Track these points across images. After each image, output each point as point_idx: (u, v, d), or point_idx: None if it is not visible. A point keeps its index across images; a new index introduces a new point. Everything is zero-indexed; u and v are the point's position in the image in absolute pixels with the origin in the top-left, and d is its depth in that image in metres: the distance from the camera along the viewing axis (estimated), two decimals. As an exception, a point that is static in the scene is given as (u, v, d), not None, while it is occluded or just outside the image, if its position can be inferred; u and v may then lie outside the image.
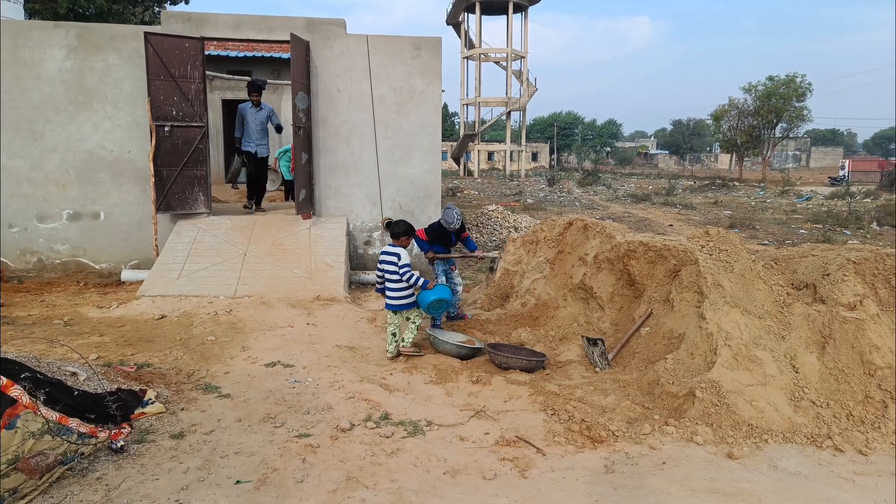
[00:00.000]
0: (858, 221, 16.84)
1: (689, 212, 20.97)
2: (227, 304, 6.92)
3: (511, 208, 18.65)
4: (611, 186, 34.21)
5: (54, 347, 5.19)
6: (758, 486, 3.44)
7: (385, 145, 9.46)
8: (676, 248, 5.47)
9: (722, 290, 4.88)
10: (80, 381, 4.05)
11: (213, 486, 3.27)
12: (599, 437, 3.98)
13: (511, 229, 13.80)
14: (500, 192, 29.06)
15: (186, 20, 8.82)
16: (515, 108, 47.56)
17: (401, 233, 5.65)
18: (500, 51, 47.33)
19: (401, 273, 5.48)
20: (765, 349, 4.51)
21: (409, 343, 5.63)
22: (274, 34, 9.00)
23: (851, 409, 4.17)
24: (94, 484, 3.20)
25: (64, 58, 8.52)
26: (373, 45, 9.23)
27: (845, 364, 4.37)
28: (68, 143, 8.65)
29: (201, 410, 4.22)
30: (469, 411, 4.40)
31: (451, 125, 67.03)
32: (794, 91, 42.35)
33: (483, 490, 3.36)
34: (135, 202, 8.83)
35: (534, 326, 6.11)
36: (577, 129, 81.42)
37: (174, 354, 5.42)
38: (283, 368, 5.18)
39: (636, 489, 3.40)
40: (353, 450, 3.74)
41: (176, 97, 8.49)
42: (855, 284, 4.78)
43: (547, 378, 5.03)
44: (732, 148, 47.47)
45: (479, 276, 8.76)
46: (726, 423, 4.05)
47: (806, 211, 21.28)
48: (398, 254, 5.53)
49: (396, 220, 5.85)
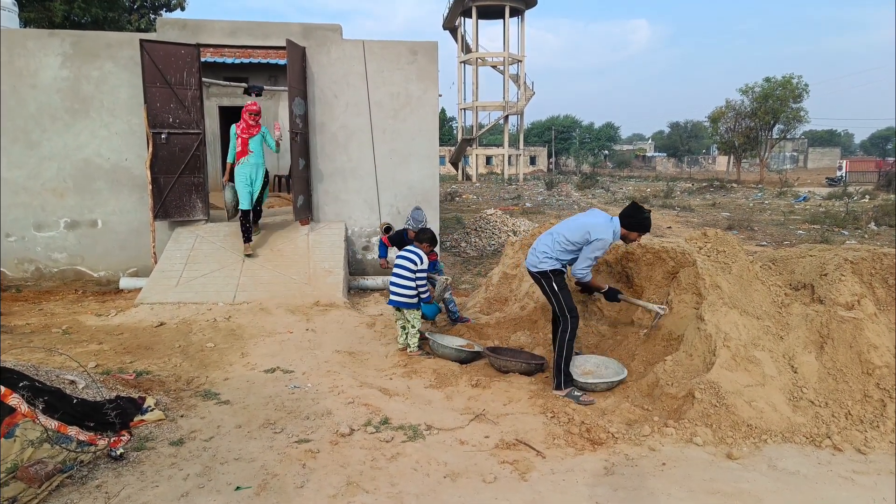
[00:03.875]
0: (856, 222, 16.88)
1: (687, 214, 21.00)
2: (225, 310, 6.92)
3: (510, 212, 18.66)
4: (609, 189, 34.25)
5: (53, 356, 5.19)
6: (757, 486, 3.44)
7: (383, 150, 9.47)
8: (675, 249, 5.48)
9: (720, 291, 4.88)
10: (78, 389, 4.05)
11: (214, 493, 3.27)
12: (599, 440, 3.98)
13: (510, 233, 13.81)
14: (499, 196, 29.08)
15: (182, 27, 8.83)
16: (513, 112, 47.63)
17: (425, 239, 5.89)
18: (497, 55, 47.41)
19: (416, 276, 5.67)
20: (763, 349, 4.51)
21: (415, 347, 5.77)
22: (270, 40, 9.02)
23: (850, 408, 4.17)
24: (93, 492, 3.19)
25: (60, 66, 8.54)
26: (369, 51, 9.25)
27: (843, 363, 4.37)
28: (65, 151, 8.66)
29: (201, 417, 4.22)
30: (469, 415, 4.40)
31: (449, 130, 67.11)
32: (791, 92, 42.44)
33: (483, 493, 3.35)
34: (132, 210, 8.83)
35: (533, 330, 6.11)
36: (575, 133, 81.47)
37: (173, 361, 5.42)
38: (282, 374, 5.17)
39: (636, 491, 3.40)
40: (353, 455, 3.73)
41: (172, 104, 8.50)
42: (852, 284, 4.79)
43: (546, 381, 5.02)
44: (730, 150, 47.54)
45: (479, 281, 8.76)
46: (725, 424, 4.05)
47: (804, 212, 21.32)
48: (421, 257, 5.72)
49: (424, 227, 6.14)
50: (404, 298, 5.70)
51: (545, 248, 4.89)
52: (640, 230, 4.73)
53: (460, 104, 50.35)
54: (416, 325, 5.78)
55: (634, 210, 4.73)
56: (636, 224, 4.68)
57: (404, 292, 5.69)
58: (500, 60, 47.38)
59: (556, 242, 4.85)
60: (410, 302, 5.71)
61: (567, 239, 4.81)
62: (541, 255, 4.89)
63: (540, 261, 4.87)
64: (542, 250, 4.90)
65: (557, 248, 4.84)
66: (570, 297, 4.83)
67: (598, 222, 4.77)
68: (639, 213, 4.70)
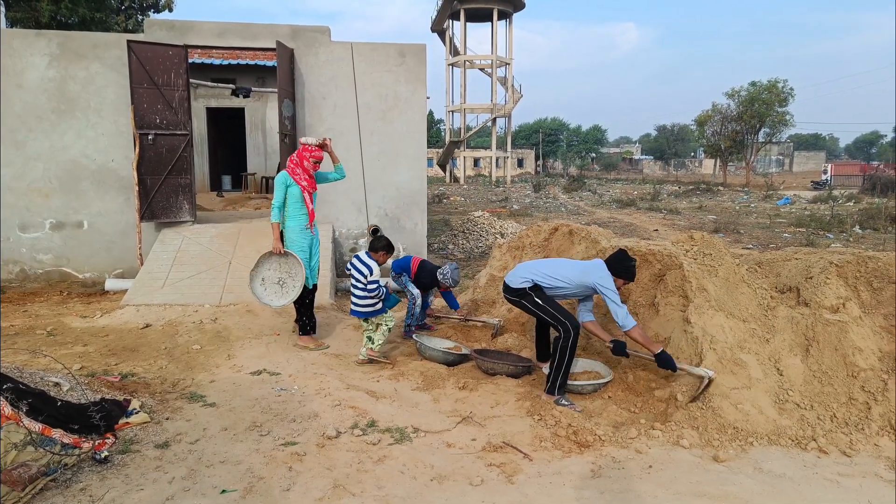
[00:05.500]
0: (841, 225, 17.05)
1: (673, 217, 21.13)
2: (212, 312, 6.87)
3: (497, 214, 18.69)
4: (596, 192, 34.41)
5: (37, 358, 5.13)
6: (743, 488, 3.46)
7: (371, 152, 9.46)
8: (661, 252, 5.51)
9: (706, 294, 4.91)
10: (63, 391, 4.01)
11: (199, 496, 3.24)
12: (586, 442, 3.99)
13: (497, 235, 13.84)
14: (486, 198, 29.13)
15: (170, 28, 8.78)
16: (501, 115, 47.77)
17: (380, 248, 5.56)
18: (485, 58, 47.53)
19: (369, 290, 5.43)
20: (749, 352, 4.55)
21: (377, 346, 5.60)
22: (258, 42, 8.99)
23: (835, 410, 4.21)
24: (77, 495, 3.16)
25: (46, 66, 8.46)
26: (357, 53, 9.24)
27: (829, 366, 4.41)
28: (51, 152, 8.57)
29: (186, 420, 4.19)
30: (456, 417, 4.39)
31: (437, 132, 67.17)
32: (777, 96, 42.87)
33: (470, 496, 3.35)
34: (118, 211, 8.76)
35: (520, 332, 6.12)
36: (563, 136, 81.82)
37: (159, 363, 5.37)
38: (268, 376, 5.15)
39: (623, 493, 3.41)
40: (339, 457, 3.72)
41: (160, 105, 8.45)
42: (837, 287, 4.84)
43: (533, 383, 5.03)
44: (716, 153, 47.95)
45: (466, 283, 8.76)
46: (712, 427, 4.07)
47: (789, 215, 21.51)
48: (371, 268, 5.43)
49: (379, 235, 5.77)
50: (366, 309, 5.51)
51: (524, 272, 4.85)
52: (626, 277, 4.67)
53: (448, 106, 50.42)
54: (390, 324, 5.65)
55: (623, 256, 4.69)
56: (623, 270, 4.63)
57: (363, 303, 5.50)
58: (488, 63, 47.49)
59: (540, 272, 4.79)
60: (374, 310, 5.54)
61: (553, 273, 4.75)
62: (519, 277, 4.83)
63: (522, 280, 4.79)
64: (521, 273, 4.86)
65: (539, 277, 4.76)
66: (559, 305, 4.74)
67: (590, 264, 4.74)
68: (627, 260, 4.66)
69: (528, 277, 4.78)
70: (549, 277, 4.74)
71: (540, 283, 4.74)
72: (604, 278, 4.55)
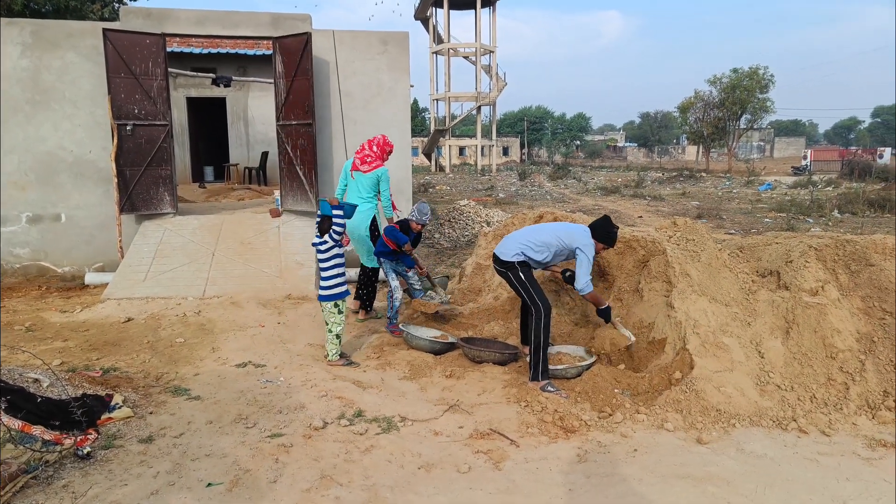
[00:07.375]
0: (820, 209, 17.23)
1: (657, 203, 21.25)
2: (195, 304, 6.81)
3: (483, 203, 18.67)
4: (581, 179, 34.47)
5: (15, 354, 5.06)
6: (726, 469, 3.51)
7: (354, 142, 9.38)
8: (645, 238, 5.54)
9: (689, 279, 4.95)
10: (43, 387, 3.96)
11: (185, 490, 3.22)
12: (572, 427, 4.02)
13: (483, 224, 13.83)
14: (472, 186, 29.09)
15: (147, 16, 8.63)
16: (485, 103, 47.61)
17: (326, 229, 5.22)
18: (469, 45, 47.30)
19: (324, 250, 5.17)
20: (731, 336, 4.60)
21: (334, 356, 5.27)
22: (239, 30, 8.87)
23: (815, 391, 4.27)
24: (60, 492, 3.13)
25: (19, 56, 8.28)
26: (339, 41, 9.15)
27: (808, 348, 4.47)
28: (26, 143, 8.42)
29: (171, 413, 4.16)
30: (443, 406, 4.40)
31: (422, 120, 66.88)
32: (758, 83, 43.15)
33: (458, 483, 3.37)
34: (97, 203, 8.63)
35: (506, 320, 6.14)
36: (547, 124, 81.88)
37: (141, 357, 5.32)
38: (254, 368, 5.12)
39: (608, 477, 3.44)
40: (326, 448, 3.72)
41: (138, 95, 8.32)
42: (816, 270, 4.90)
43: (519, 371, 5.05)
44: (699, 139, 48.19)
45: (453, 272, 8.76)
46: (695, 410, 4.12)
47: (770, 200, 21.72)
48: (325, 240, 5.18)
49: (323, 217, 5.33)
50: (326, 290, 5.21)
51: (513, 245, 4.95)
52: (607, 243, 4.94)
53: (433, 95, 50.16)
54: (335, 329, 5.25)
55: (606, 222, 4.95)
56: (605, 235, 4.90)
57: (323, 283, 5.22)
58: (472, 51, 47.27)
59: (529, 241, 4.92)
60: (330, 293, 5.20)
61: (541, 241, 4.90)
62: (510, 250, 4.93)
63: (513, 253, 4.89)
64: (511, 246, 4.97)
65: (528, 248, 4.89)
66: (538, 287, 4.88)
67: (577, 230, 4.94)
68: (610, 226, 4.94)
69: (519, 250, 4.89)
70: (538, 245, 4.90)
71: (530, 256, 4.88)
72: (587, 246, 4.82)
